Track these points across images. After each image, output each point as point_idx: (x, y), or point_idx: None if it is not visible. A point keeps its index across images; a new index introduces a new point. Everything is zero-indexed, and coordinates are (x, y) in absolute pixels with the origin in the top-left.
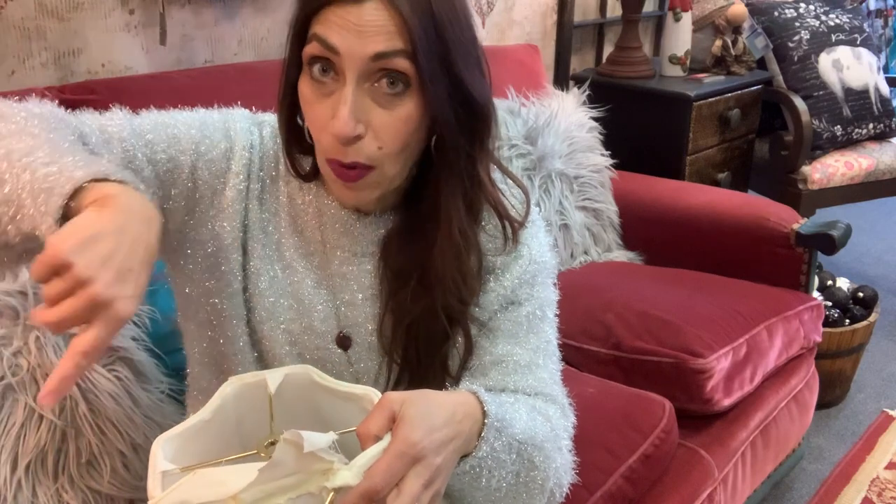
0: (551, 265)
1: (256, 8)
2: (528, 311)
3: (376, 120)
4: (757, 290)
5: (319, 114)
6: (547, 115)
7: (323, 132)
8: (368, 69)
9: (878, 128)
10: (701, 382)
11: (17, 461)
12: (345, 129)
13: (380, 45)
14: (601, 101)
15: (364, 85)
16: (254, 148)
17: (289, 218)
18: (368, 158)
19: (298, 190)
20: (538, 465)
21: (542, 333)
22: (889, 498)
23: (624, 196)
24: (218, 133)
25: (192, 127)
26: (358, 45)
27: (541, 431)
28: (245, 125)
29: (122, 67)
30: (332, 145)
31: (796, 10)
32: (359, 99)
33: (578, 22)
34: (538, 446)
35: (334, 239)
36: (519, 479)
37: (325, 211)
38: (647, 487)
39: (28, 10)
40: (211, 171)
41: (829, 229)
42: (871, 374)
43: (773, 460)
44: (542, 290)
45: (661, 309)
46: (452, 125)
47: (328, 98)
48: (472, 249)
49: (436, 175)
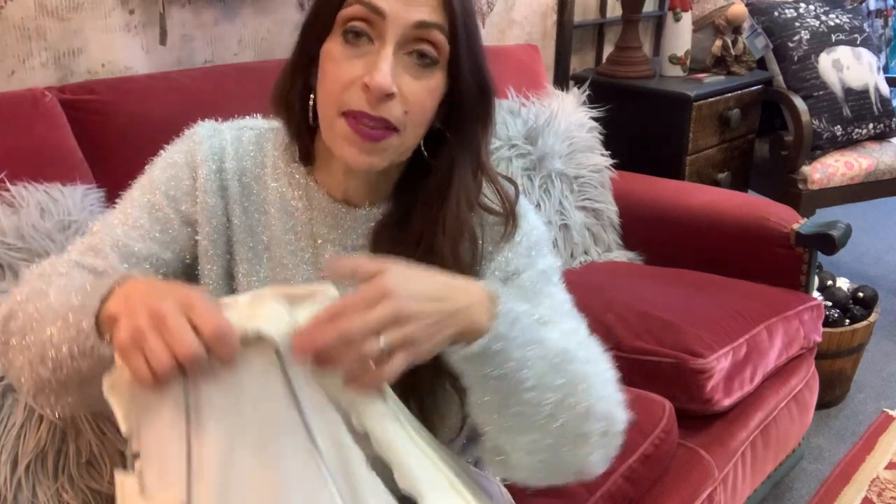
0: (546, 237)
1: (256, 8)
2: (529, 275)
3: (406, 87)
4: (757, 290)
5: (348, 71)
6: (547, 115)
7: (350, 87)
8: (407, 35)
9: (878, 128)
10: (701, 382)
11: (17, 461)
12: (384, 81)
13: (423, 14)
14: (601, 101)
15: (399, 53)
16: (223, 151)
17: (278, 214)
18: (395, 119)
19: (288, 185)
20: (579, 380)
21: (552, 295)
22: (889, 498)
23: (624, 196)
24: (183, 169)
25: (160, 183)
26: (403, 11)
27: (582, 352)
28: (206, 134)
29: (122, 67)
30: (359, 98)
31: (796, 10)
32: (394, 64)
33: (578, 22)
34: (579, 360)
35: (325, 232)
36: (562, 394)
37: (315, 204)
38: (647, 487)
39: (28, 10)
40: (187, 201)
41: (829, 229)
42: (871, 374)
43: (773, 460)
44: (539, 259)
45: (661, 309)
46: (472, 102)
47: (360, 59)
48: (468, 233)
49: (448, 155)
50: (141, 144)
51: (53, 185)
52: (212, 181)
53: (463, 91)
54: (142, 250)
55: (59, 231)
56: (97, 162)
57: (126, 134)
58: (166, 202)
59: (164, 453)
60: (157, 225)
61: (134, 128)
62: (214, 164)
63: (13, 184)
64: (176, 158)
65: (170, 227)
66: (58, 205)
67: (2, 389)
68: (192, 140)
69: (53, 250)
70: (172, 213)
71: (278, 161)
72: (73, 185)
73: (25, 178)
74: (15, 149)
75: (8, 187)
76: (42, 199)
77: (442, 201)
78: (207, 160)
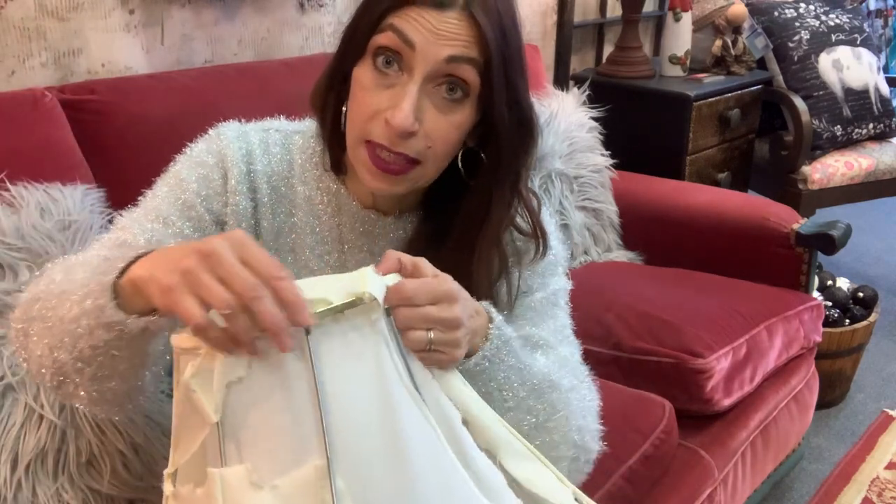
0: (562, 257)
1: (256, 8)
2: (540, 296)
3: (430, 122)
4: (757, 290)
5: (374, 101)
6: (547, 115)
7: (375, 118)
8: (437, 70)
9: (878, 128)
10: (701, 382)
11: (17, 461)
12: (405, 121)
13: (455, 49)
14: (601, 101)
15: (427, 86)
16: (252, 155)
17: (305, 218)
18: (416, 153)
19: (317, 189)
20: (559, 408)
21: (556, 318)
22: (889, 498)
23: (624, 196)
24: (214, 169)
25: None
26: (434, 45)
27: (566, 382)
28: (233, 135)
29: (122, 67)
30: (381, 131)
31: (796, 10)
32: (420, 98)
33: (578, 22)
34: (561, 389)
35: (353, 238)
36: (539, 419)
37: (344, 210)
38: (647, 488)
39: (28, 10)
40: (219, 201)
41: (829, 229)
42: (871, 374)
43: (773, 460)
44: (552, 280)
45: (661, 309)
46: (509, 136)
47: (387, 89)
48: (500, 256)
49: (485, 183)
50: (141, 144)
51: (53, 185)
52: (243, 183)
53: (498, 125)
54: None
55: (59, 231)
56: (97, 162)
57: (126, 134)
58: (199, 201)
59: (283, 432)
60: (190, 223)
61: (134, 128)
62: (245, 165)
63: (13, 184)
64: (205, 158)
65: (202, 225)
66: (58, 205)
67: (2, 389)
68: (219, 140)
69: (53, 250)
70: (205, 212)
71: (306, 164)
72: (73, 185)
73: (25, 178)
74: (15, 149)
75: (8, 187)
76: (42, 199)
77: (479, 228)
78: (238, 162)
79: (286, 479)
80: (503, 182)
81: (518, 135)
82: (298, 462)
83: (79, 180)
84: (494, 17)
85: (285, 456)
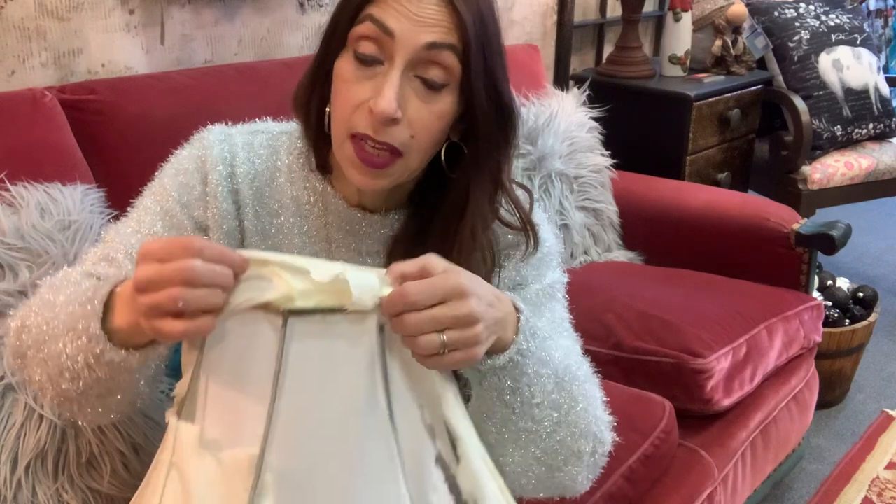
0: (556, 250)
1: (256, 8)
2: (536, 289)
3: (413, 111)
4: (757, 290)
5: (356, 93)
6: (547, 115)
7: (358, 110)
8: (418, 58)
9: (878, 128)
10: (701, 382)
11: (17, 461)
12: (389, 107)
13: (434, 35)
14: (601, 101)
15: (408, 74)
16: (234, 157)
17: (292, 217)
18: (400, 143)
19: (304, 189)
20: (579, 399)
21: (553, 311)
22: (889, 498)
23: (624, 196)
24: (194, 175)
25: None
26: (413, 33)
27: (581, 372)
28: (216, 138)
29: (122, 67)
30: (366, 122)
31: (796, 10)
32: (402, 86)
33: (578, 22)
34: (579, 380)
35: (340, 237)
36: (562, 412)
37: (331, 209)
38: (647, 487)
39: (28, 10)
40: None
41: (829, 229)
42: (871, 374)
43: (773, 460)
44: (548, 272)
45: (661, 309)
46: (488, 125)
47: (368, 80)
48: (483, 252)
49: (465, 175)
50: (141, 144)
51: (53, 185)
52: (223, 186)
53: (478, 112)
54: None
55: (59, 231)
56: (97, 162)
57: (126, 134)
58: (179, 209)
59: (236, 409)
60: (172, 231)
61: (134, 128)
62: (225, 168)
63: (13, 184)
64: (186, 164)
65: (184, 233)
66: (58, 205)
67: (2, 389)
68: (201, 145)
69: (53, 250)
70: (186, 220)
71: (293, 164)
72: (73, 185)
73: (25, 178)
74: (15, 149)
75: (8, 187)
76: (42, 199)
77: (458, 221)
78: (217, 165)
79: (227, 454)
80: (483, 172)
81: (497, 122)
82: (240, 443)
83: (79, 180)
84: (473, 4)
85: (233, 432)
